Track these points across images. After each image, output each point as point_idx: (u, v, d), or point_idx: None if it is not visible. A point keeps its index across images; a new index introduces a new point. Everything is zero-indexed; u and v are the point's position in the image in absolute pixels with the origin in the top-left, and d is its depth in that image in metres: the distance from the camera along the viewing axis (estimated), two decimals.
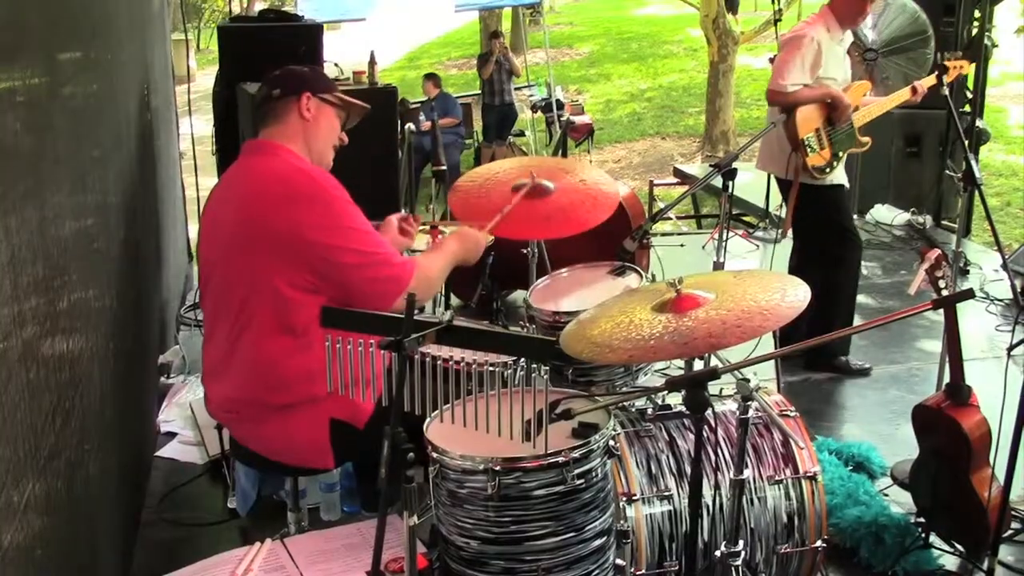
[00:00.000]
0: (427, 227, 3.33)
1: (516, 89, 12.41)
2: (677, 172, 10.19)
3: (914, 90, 4.43)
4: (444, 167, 4.48)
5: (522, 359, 2.50)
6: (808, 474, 2.65)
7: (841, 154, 4.36)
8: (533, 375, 1.98)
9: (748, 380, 2.20)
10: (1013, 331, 2.64)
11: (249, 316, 2.51)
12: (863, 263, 6.23)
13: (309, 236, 2.45)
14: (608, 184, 3.30)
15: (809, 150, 4.22)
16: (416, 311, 1.93)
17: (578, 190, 3.27)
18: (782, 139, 4.30)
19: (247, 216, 2.51)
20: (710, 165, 3.83)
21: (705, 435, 2.36)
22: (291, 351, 2.50)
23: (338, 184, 2.57)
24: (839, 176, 4.39)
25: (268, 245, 2.46)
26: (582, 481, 2.18)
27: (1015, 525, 3.16)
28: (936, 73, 4.02)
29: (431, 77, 11.45)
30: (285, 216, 2.45)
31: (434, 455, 2.23)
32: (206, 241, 2.66)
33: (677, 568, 2.55)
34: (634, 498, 2.52)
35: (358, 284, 2.50)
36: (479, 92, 12.37)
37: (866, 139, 4.39)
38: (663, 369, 3.90)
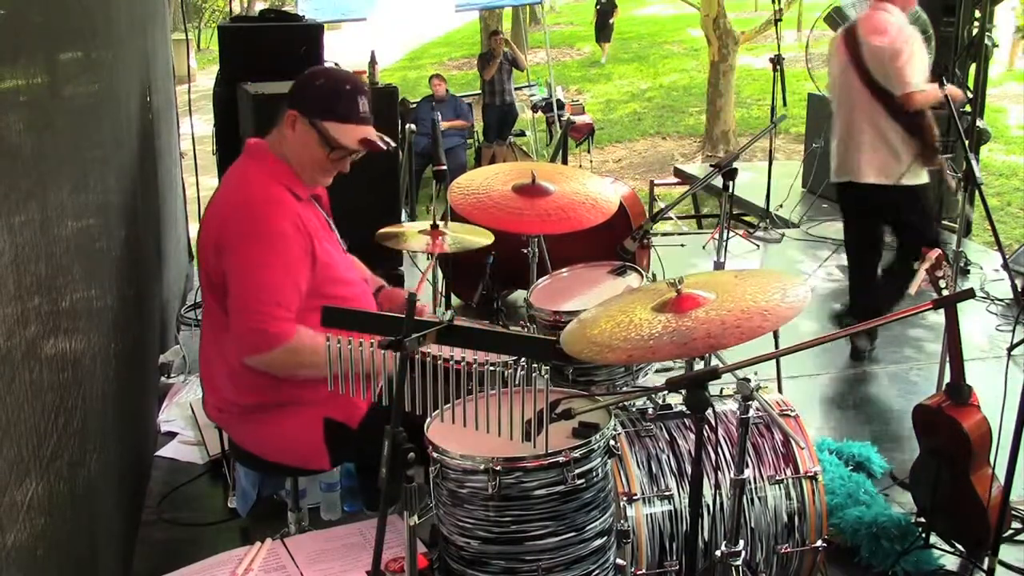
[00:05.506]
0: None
1: (516, 89, 12.41)
2: (677, 172, 10.19)
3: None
4: (444, 167, 4.48)
5: (523, 359, 2.50)
6: (808, 474, 2.65)
7: None
8: (533, 375, 1.98)
9: (748, 380, 2.20)
10: (1014, 331, 2.63)
11: (218, 317, 2.55)
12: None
13: (223, 243, 2.48)
14: (608, 192, 3.31)
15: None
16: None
17: (578, 192, 3.28)
18: (899, 144, 4.26)
19: (211, 218, 2.57)
20: (710, 165, 3.83)
21: (705, 435, 2.37)
22: None
23: (282, 214, 2.47)
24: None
25: (213, 249, 2.51)
26: (582, 481, 2.19)
27: (1015, 525, 3.17)
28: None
29: (437, 77, 11.41)
30: (219, 220, 2.51)
31: (434, 455, 2.23)
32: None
33: (677, 568, 2.56)
34: (634, 498, 2.52)
35: (234, 324, 2.47)
36: (479, 92, 12.37)
37: None
38: (665, 370, 3.88)
